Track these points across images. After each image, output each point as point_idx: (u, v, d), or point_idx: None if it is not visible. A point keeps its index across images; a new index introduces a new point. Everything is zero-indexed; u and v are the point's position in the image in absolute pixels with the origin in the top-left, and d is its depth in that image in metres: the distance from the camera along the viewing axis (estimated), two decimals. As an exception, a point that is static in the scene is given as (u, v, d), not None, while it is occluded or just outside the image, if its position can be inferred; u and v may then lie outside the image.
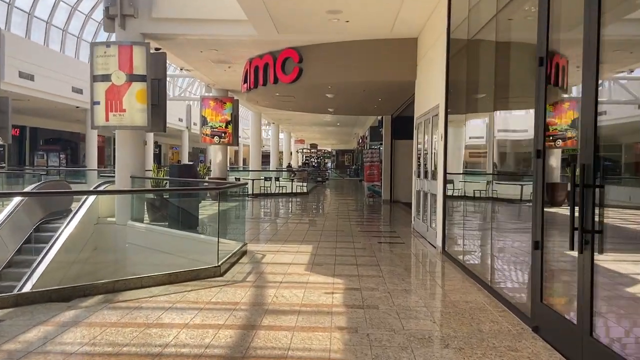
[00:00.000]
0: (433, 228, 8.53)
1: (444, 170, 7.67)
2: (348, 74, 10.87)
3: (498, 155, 5.57)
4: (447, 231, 7.66)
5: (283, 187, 20.52)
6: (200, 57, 12.56)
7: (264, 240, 8.86)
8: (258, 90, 12.55)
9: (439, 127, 8.02)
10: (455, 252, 7.17)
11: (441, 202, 7.76)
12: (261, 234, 9.83)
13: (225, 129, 17.54)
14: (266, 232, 10.10)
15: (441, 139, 7.81)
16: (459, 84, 7.27)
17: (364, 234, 9.74)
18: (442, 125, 7.82)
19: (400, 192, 17.81)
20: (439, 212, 7.91)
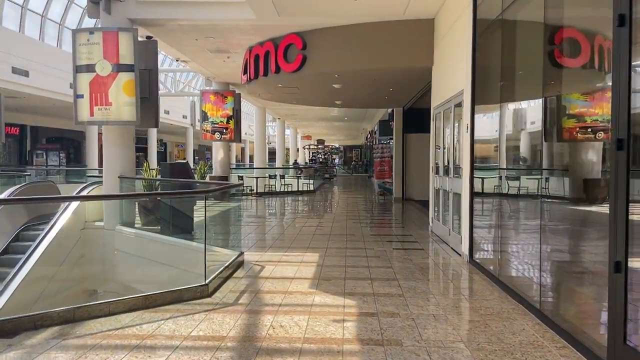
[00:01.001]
0: (456, 232, 7.50)
1: (470, 166, 6.64)
2: (357, 60, 9.83)
3: (548, 148, 4.52)
4: (475, 236, 6.63)
5: (288, 185, 19.53)
6: (196, 46, 11.58)
7: (264, 247, 7.88)
8: (259, 82, 11.55)
9: (464, 117, 6.98)
10: (486, 262, 6.14)
11: (467, 203, 6.73)
12: (262, 239, 8.85)
13: (227, 124, 16.58)
14: (268, 237, 9.12)
15: (466, 130, 6.77)
16: (490, 67, 6.22)
17: (376, 238, 8.73)
18: (467, 114, 6.77)
19: (413, 189, 16.77)
20: (465, 214, 6.87)
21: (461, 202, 7.08)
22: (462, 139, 7.00)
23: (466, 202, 6.78)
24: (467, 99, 6.75)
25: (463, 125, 6.98)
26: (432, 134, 9.61)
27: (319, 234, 9.14)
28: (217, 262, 6.54)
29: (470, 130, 6.64)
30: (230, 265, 6.09)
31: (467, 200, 6.72)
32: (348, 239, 8.65)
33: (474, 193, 6.63)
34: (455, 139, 7.80)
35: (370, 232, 9.44)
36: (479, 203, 6.68)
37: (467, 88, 6.80)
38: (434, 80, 9.44)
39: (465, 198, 6.82)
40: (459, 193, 7.30)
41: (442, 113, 8.67)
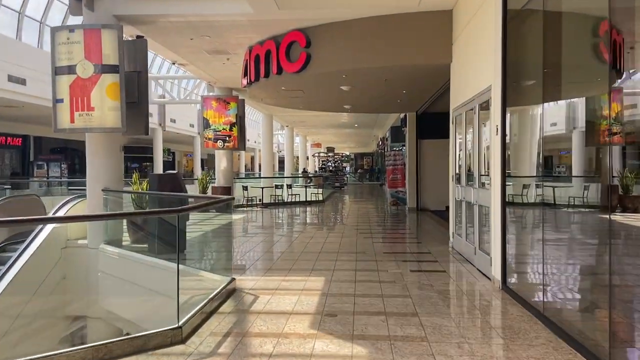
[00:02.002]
0: (484, 251, 6.45)
1: (502, 174, 5.60)
2: (366, 58, 8.86)
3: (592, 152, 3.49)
4: (508, 258, 5.58)
5: (296, 195, 18.55)
6: (192, 47, 10.70)
7: (262, 269, 6.89)
8: (260, 84, 10.62)
9: (492, 118, 5.95)
10: (524, 290, 5.09)
11: (498, 218, 5.68)
12: (261, 259, 7.85)
13: (230, 131, 15.71)
14: (268, 256, 8.12)
15: (496, 132, 5.75)
16: (527, 59, 5.21)
17: (390, 257, 7.70)
18: (496, 114, 5.75)
19: (428, 199, 15.70)
20: (495, 231, 5.83)
21: (490, 216, 6.04)
22: (491, 142, 5.97)
23: (497, 216, 5.74)
24: (497, 97, 5.73)
25: (491, 126, 5.95)
26: (451, 139, 8.58)
27: (326, 252, 8.14)
28: (203, 290, 5.57)
29: (501, 132, 5.61)
30: (217, 295, 5.11)
31: (499, 214, 5.67)
32: (358, 257, 7.63)
33: (506, 205, 5.59)
34: (481, 144, 6.77)
35: (383, 249, 8.41)
36: (513, 218, 5.64)
37: (495, 84, 5.78)
38: (453, 79, 8.44)
39: (496, 212, 5.78)
40: (487, 206, 6.26)
41: (463, 115, 7.64)
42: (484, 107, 6.57)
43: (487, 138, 6.36)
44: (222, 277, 5.78)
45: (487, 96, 6.16)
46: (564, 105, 4.68)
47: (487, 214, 6.28)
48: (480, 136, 6.77)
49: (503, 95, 5.57)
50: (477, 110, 6.76)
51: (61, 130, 8.34)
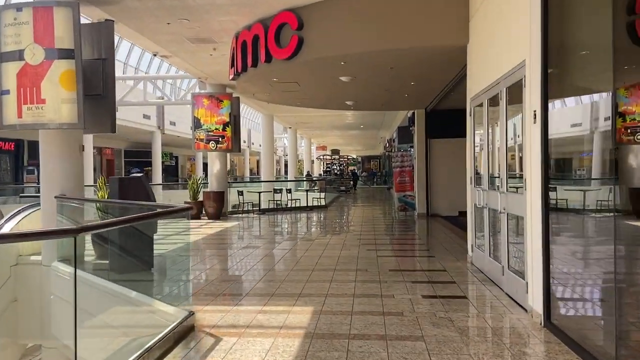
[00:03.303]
0: (516, 272, 5.10)
1: (543, 175, 4.25)
2: (367, 41, 7.55)
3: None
4: (554, 284, 4.23)
5: (296, 200, 17.24)
6: (172, 34, 9.44)
7: (236, 295, 5.57)
8: (248, 75, 9.35)
9: (528, 102, 4.61)
10: (581, 332, 3.73)
11: (539, 231, 4.33)
12: (239, 280, 6.53)
13: (223, 132, 14.44)
14: (249, 276, 6.79)
15: (534, 121, 4.40)
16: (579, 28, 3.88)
17: (397, 276, 6.36)
18: (534, 96, 4.41)
19: (440, 203, 14.34)
20: (534, 246, 4.48)
21: (526, 228, 4.68)
22: (526, 134, 4.62)
23: (537, 229, 4.38)
24: (535, 73, 4.38)
25: (527, 114, 4.60)
26: (469, 134, 7.23)
27: (321, 269, 6.81)
28: (150, 329, 4.26)
29: (541, 119, 4.26)
30: (165, 338, 3.80)
31: (539, 226, 4.32)
32: (359, 276, 6.30)
33: (549, 215, 4.23)
34: (511, 137, 5.43)
35: (389, 265, 7.06)
36: (558, 230, 4.29)
37: (533, 57, 4.44)
38: (471, 62, 7.10)
39: (535, 223, 4.43)
40: (520, 215, 4.91)
41: (484, 103, 6.29)
42: (514, 91, 5.23)
43: (519, 130, 5.02)
44: (176, 310, 4.47)
45: (520, 75, 4.82)
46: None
47: (520, 224, 4.94)
48: (510, 128, 5.43)
49: (544, 71, 4.23)
50: (504, 95, 5.42)
51: (9, 126, 7.10)
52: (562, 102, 5.08)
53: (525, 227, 4.71)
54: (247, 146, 43.93)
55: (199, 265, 7.28)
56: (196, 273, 6.70)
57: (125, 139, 34.50)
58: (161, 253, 8.08)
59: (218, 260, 7.73)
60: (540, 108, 4.27)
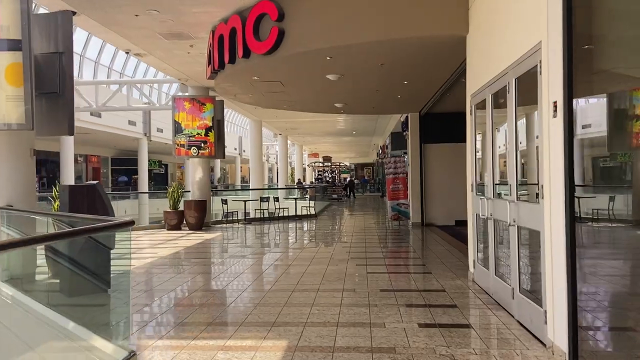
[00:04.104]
0: (531, 297, 4.28)
1: (567, 181, 3.45)
2: (355, 31, 6.76)
3: None
4: (582, 314, 3.41)
5: (284, 209, 16.39)
6: (142, 28, 8.62)
7: (196, 325, 4.69)
8: (226, 73, 8.54)
9: (544, 93, 3.81)
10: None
11: (562, 249, 3.52)
12: (204, 305, 5.64)
13: (205, 137, 13.62)
14: (215, 298, 5.91)
15: (553, 114, 3.60)
16: None
17: (390, 298, 5.52)
18: (554, 85, 3.61)
19: (435, 212, 13.56)
20: (555, 267, 3.67)
21: (544, 244, 3.87)
22: (544, 131, 3.81)
23: (559, 246, 3.57)
24: (555, 56, 3.59)
25: (544, 106, 3.81)
26: (469, 135, 6.44)
27: (302, 290, 5.96)
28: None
29: (564, 112, 3.47)
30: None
31: (561, 242, 3.51)
32: (346, 299, 5.46)
33: (575, 229, 3.43)
34: (519, 137, 4.64)
35: (380, 284, 6.23)
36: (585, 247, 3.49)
37: (552, 37, 3.65)
38: (471, 55, 6.32)
39: (556, 238, 3.62)
40: (536, 229, 4.09)
41: (488, 99, 5.50)
42: (525, 82, 4.45)
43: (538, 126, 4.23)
44: (115, 350, 3.61)
45: (534, 60, 4.03)
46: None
47: (536, 240, 4.13)
48: (518, 126, 4.64)
49: (567, 52, 3.43)
50: (512, 87, 4.62)
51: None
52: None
53: (542, 242, 3.90)
54: (239, 153, 43.10)
55: (162, 286, 6.40)
56: (155, 296, 5.81)
57: (112, 147, 33.59)
58: (124, 271, 7.20)
59: (186, 278, 6.87)
60: (562, 97, 3.47)
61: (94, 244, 5.94)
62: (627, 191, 3.60)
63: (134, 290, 5.96)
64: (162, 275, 7.06)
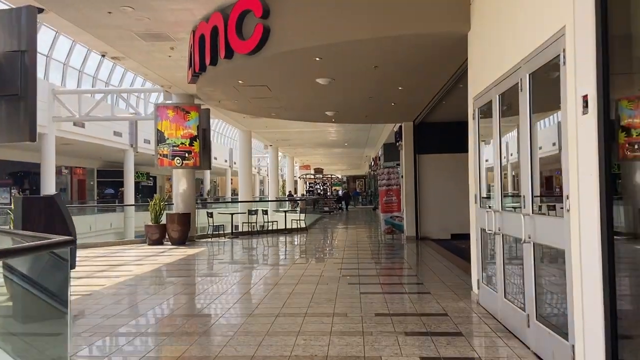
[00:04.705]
0: (552, 328, 3.66)
1: (603, 190, 2.85)
2: (346, 28, 6.19)
3: None
4: (622, 350, 2.79)
5: (273, 222, 15.72)
6: (117, 27, 8.00)
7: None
8: (208, 77, 7.95)
9: (569, 86, 3.23)
10: None
11: (596, 271, 2.91)
12: (171, 336, 4.93)
13: (190, 146, 12.93)
14: (187, 326, 5.22)
15: (582, 110, 3.01)
16: None
17: (386, 324, 4.87)
18: (584, 75, 3.03)
19: (430, 225, 12.98)
20: (585, 295, 3.05)
21: (570, 266, 3.25)
22: (569, 131, 3.22)
23: (592, 269, 2.96)
24: (585, 40, 3.01)
25: (569, 102, 3.22)
26: (472, 141, 5.85)
27: (288, 315, 5.30)
28: None
29: (598, 107, 2.88)
30: None
31: (596, 263, 2.91)
32: (336, 326, 4.81)
33: (614, 245, 2.82)
34: (535, 141, 4.05)
35: (375, 307, 5.58)
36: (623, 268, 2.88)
37: (580, 18, 3.08)
38: (473, 53, 5.77)
39: (589, 260, 3.01)
40: (559, 247, 3.49)
41: (494, 100, 4.92)
42: (541, 77, 3.88)
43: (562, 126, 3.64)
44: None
45: (554, 50, 3.46)
46: None
47: (558, 259, 3.52)
48: (534, 129, 4.05)
49: (601, 34, 2.86)
50: (525, 85, 4.04)
51: None
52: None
53: (568, 263, 3.29)
54: (229, 166, 42.42)
55: (130, 310, 5.70)
56: (118, 323, 5.10)
57: (97, 158, 32.82)
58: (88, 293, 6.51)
59: (159, 301, 6.18)
60: (595, 89, 2.89)
61: (54, 261, 5.27)
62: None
63: (95, 316, 5.26)
64: (132, 297, 6.36)
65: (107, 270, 8.78)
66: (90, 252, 11.17)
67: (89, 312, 5.50)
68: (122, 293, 6.61)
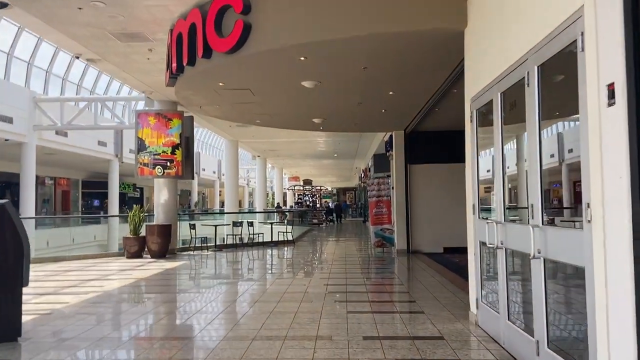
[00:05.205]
0: (567, 357, 3.15)
1: (635, 198, 2.36)
2: (332, 24, 5.72)
3: None
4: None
5: (259, 234, 15.13)
6: (89, 26, 7.48)
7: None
8: (186, 78, 7.43)
9: (590, 75, 2.75)
10: None
11: (629, 295, 2.40)
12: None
13: (172, 155, 12.41)
14: (149, 354, 4.62)
15: (607, 102, 2.53)
16: None
17: (376, 350, 4.32)
18: (608, 61, 2.56)
19: (422, 238, 12.51)
20: (612, 322, 2.54)
21: (593, 286, 2.75)
22: (590, 127, 2.74)
23: (620, 291, 2.46)
24: (610, 22, 2.55)
25: (589, 94, 2.74)
26: (470, 146, 5.37)
27: (264, 339, 4.73)
28: None
29: (628, 96, 2.40)
30: None
31: (628, 286, 2.40)
32: (318, 352, 4.25)
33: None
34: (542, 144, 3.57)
35: (363, 329, 5.04)
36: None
37: None
38: (470, 50, 5.31)
39: (616, 280, 2.51)
40: (577, 264, 2.99)
41: (496, 100, 4.45)
42: (551, 69, 3.42)
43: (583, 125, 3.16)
44: None
45: (570, 35, 2.99)
46: None
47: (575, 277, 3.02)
48: (540, 130, 3.58)
49: (632, 10, 2.39)
50: (533, 79, 3.57)
51: None
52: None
53: (590, 283, 2.79)
54: (218, 177, 41.76)
55: (88, 333, 5.08)
56: (68, 351, 4.50)
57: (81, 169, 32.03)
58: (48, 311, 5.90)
59: (123, 321, 5.58)
60: (624, 75, 2.41)
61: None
62: None
63: (45, 341, 4.66)
64: (94, 318, 5.74)
65: (77, 285, 8.16)
66: (63, 266, 10.52)
67: (41, 335, 4.89)
68: (84, 312, 6.00)
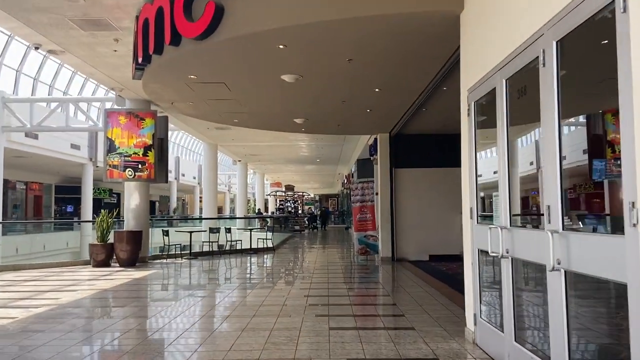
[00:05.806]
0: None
1: None
2: (314, 6, 5.12)
3: None
4: None
5: (237, 241, 14.41)
6: (46, 9, 6.75)
7: None
8: (153, 68, 6.76)
9: (636, 47, 2.19)
10: None
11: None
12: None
13: (144, 157, 11.68)
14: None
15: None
16: None
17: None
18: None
19: (407, 245, 11.99)
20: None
21: (638, 310, 2.17)
22: (637, 104, 2.17)
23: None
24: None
25: (636, 59, 2.18)
26: (467, 142, 4.80)
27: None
28: None
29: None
30: None
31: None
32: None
33: None
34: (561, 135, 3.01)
35: (347, 349, 4.40)
36: None
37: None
38: (469, 34, 4.76)
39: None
40: (618, 279, 2.42)
41: (499, 87, 3.88)
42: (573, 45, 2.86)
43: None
44: None
45: (594, 4, 2.44)
46: None
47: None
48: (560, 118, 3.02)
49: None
50: (551, 57, 3.00)
51: None
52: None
53: (634, 303, 2.21)
54: (198, 183, 40.80)
55: (33, 353, 4.36)
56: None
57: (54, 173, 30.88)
58: None
59: (73, 340, 4.86)
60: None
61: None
62: None
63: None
64: (41, 336, 4.99)
65: (30, 297, 7.38)
66: (20, 275, 9.69)
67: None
68: (31, 330, 5.25)
